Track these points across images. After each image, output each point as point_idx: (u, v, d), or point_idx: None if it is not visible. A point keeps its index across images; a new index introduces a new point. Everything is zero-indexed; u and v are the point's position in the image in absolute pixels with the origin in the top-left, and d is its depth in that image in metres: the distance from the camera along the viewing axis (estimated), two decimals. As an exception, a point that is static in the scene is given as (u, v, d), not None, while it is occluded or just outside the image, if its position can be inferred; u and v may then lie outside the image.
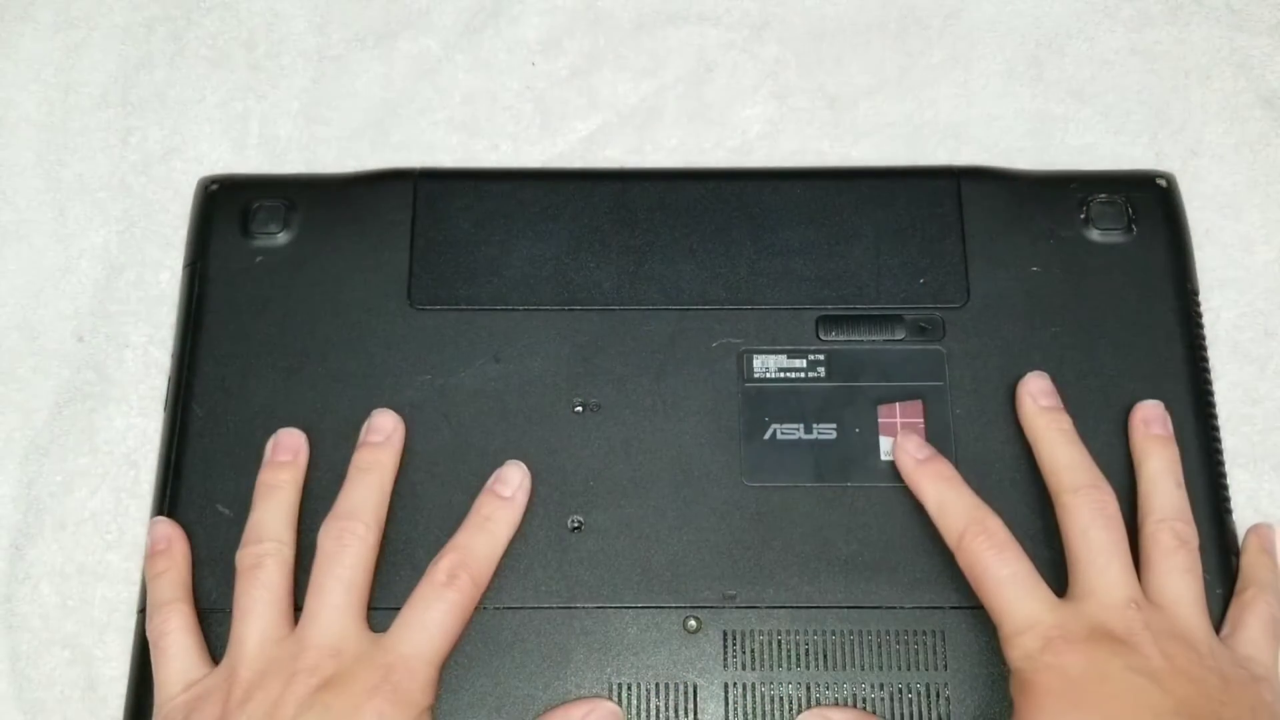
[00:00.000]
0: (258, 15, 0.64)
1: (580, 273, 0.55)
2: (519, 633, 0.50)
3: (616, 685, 0.49)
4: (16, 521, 0.55)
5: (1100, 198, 0.56)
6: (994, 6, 0.63)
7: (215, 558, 0.50)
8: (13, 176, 0.61)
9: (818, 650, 0.49)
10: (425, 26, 0.63)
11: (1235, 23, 0.63)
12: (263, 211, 0.56)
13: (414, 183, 0.57)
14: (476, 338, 0.54)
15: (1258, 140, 0.61)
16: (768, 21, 0.63)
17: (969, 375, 0.53)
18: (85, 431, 0.57)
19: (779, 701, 0.49)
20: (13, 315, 0.59)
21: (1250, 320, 0.58)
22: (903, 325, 0.54)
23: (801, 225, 0.56)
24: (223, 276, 0.55)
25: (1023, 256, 0.55)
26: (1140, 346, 0.54)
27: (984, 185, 0.56)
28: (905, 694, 0.49)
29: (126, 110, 0.62)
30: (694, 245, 0.55)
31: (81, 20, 0.63)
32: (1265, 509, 0.55)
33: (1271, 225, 0.60)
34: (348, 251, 0.55)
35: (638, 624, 0.50)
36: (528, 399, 0.53)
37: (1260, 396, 0.57)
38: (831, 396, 0.53)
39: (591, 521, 0.51)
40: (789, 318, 0.54)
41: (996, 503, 0.50)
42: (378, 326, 0.54)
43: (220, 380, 0.53)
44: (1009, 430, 0.52)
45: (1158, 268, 0.55)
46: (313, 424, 0.52)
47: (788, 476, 0.52)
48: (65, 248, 0.60)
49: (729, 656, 0.49)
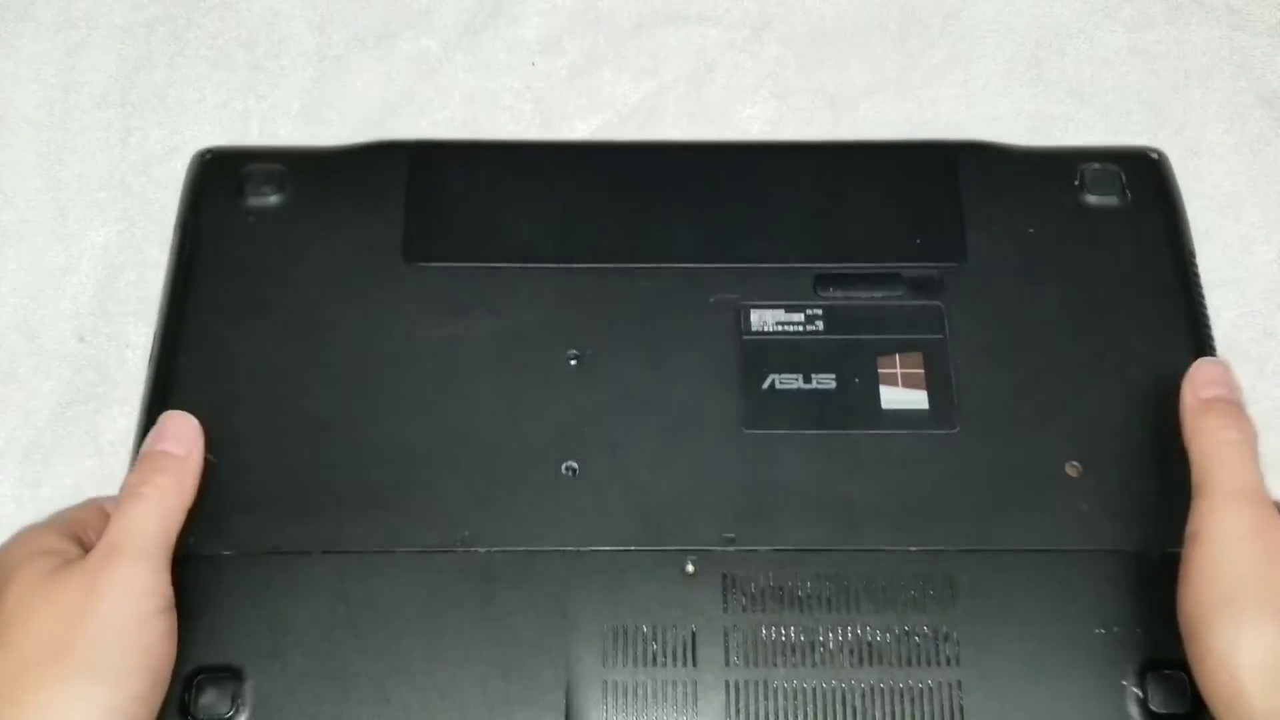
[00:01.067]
0: (258, 15, 0.65)
1: (577, 231, 0.55)
2: (514, 575, 0.49)
3: (613, 628, 0.48)
4: (20, 523, 0.53)
5: (1094, 165, 0.57)
6: (994, 6, 0.65)
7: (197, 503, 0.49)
8: (13, 176, 0.62)
9: (819, 594, 0.49)
10: (425, 26, 0.65)
11: (1235, 23, 0.64)
12: (257, 174, 0.56)
13: (410, 153, 0.57)
14: (472, 293, 0.54)
15: (1258, 140, 0.62)
16: (768, 21, 0.65)
17: (969, 330, 0.53)
18: (88, 432, 0.57)
19: (780, 645, 0.48)
20: (13, 316, 0.59)
21: (1249, 320, 0.58)
22: (901, 282, 0.54)
23: (798, 190, 0.56)
24: (214, 236, 0.55)
25: (1018, 219, 0.56)
26: (1140, 305, 0.54)
27: (980, 159, 0.57)
28: (911, 636, 0.48)
29: (127, 110, 0.63)
30: (692, 206, 0.56)
31: (81, 20, 0.65)
32: None
33: (1271, 225, 0.60)
34: (342, 211, 0.56)
35: (636, 567, 0.49)
36: (522, 351, 0.53)
37: (1259, 396, 0.57)
38: (830, 348, 0.53)
39: (588, 468, 0.51)
40: (786, 275, 0.54)
41: (1007, 460, 0.51)
42: (372, 281, 0.54)
43: (209, 334, 0.53)
44: (1011, 383, 0.52)
45: (1154, 230, 0.55)
46: (301, 375, 0.52)
47: (787, 424, 0.52)
48: (66, 248, 0.60)
49: (728, 600, 0.48)
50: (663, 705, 0.47)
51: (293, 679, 0.47)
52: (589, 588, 0.49)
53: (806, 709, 0.47)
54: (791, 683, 0.47)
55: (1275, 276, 0.59)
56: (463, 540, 0.49)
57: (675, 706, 0.47)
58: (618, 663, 0.48)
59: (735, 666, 0.47)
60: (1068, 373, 0.53)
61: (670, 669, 0.47)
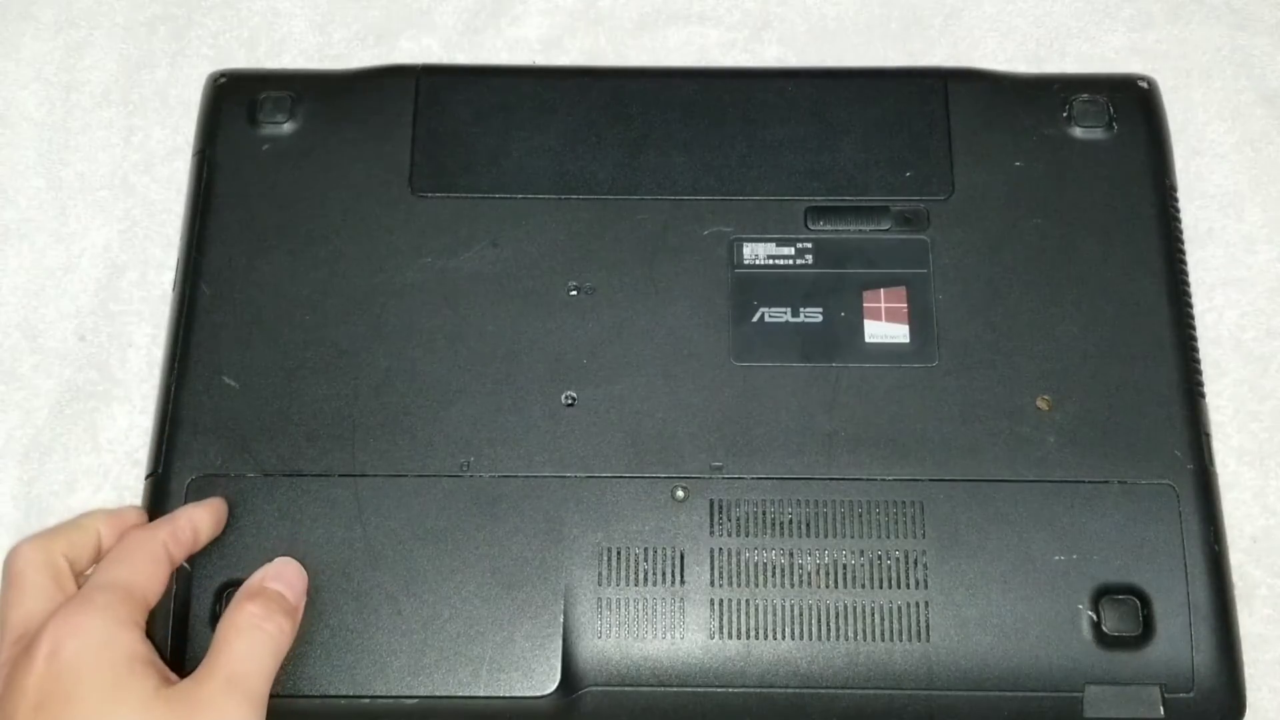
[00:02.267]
0: (258, 14, 0.64)
1: (577, 163, 0.56)
2: (515, 499, 0.51)
3: (607, 550, 0.50)
4: (18, 520, 0.55)
5: (1082, 97, 0.57)
6: (995, 6, 0.63)
7: (221, 425, 0.52)
8: (14, 175, 0.61)
9: (800, 519, 0.51)
10: (426, 25, 0.63)
11: (1236, 22, 0.63)
12: (269, 102, 0.57)
13: (416, 77, 0.58)
14: (475, 224, 0.55)
15: (1260, 139, 0.61)
16: (768, 21, 0.63)
17: (952, 264, 0.55)
18: (88, 430, 0.57)
19: (762, 567, 0.50)
20: (14, 314, 0.59)
21: (1253, 319, 0.58)
22: (889, 216, 0.55)
23: (792, 120, 0.57)
24: (230, 164, 0.56)
25: (1006, 152, 0.56)
26: (1119, 238, 0.55)
27: (970, 86, 0.58)
28: (884, 560, 0.50)
29: (128, 109, 0.62)
30: (687, 138, 0.57)
31: (83, 19, 0.63)
32: (1272, 505, 0.56)
33: (1273, 224, 0.60)
34: (351, 140, 0.57)
35: (628, 492, 0.51)
36: (524, 282, 0.54)
37: (1265, 394, 0.57)
38: (818, 282, 0.54)
39: (584, 397, 0.53)
40: (778, 208, 0.56)
41: (981, 393, 0.52)
42: (380, 212, 0.56)
43: (228, 261, 0.55)
44: (990, 316, 0.54)
45: (1138, 164, 0.56)
46: (316, 303, 0.54)
47: (774, 356, 0.53)
48: (67, 247, 0.60)
49: (715, 524, 0.51)
50: (652, 620, 0.50)
51: (312, 590, 0.49)
52: (585, 511, 0.51)
53: (785, 625, 0.50)
54: (772, 601, 0.50)
55: (1278, 275, 0.59)
56: (468, 466, 0.52)
57: (664, 621, 0.50)
58: (611, 581, 0.50)
59: (720, 586, 0.50)
60: (1045, 308, 0.54)
61: (660, 587, 0.50)
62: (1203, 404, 0.53)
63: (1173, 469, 0.51)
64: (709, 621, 0.50)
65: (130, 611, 0.45)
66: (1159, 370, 0.53)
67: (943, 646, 0.49)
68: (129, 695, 0.43)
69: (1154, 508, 0.51)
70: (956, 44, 0.63)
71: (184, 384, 0.53)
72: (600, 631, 0.49)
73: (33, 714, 0.42)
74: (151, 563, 0.48)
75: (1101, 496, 0.51)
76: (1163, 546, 0.50)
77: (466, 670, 0.49)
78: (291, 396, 0.53)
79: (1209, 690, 0.49)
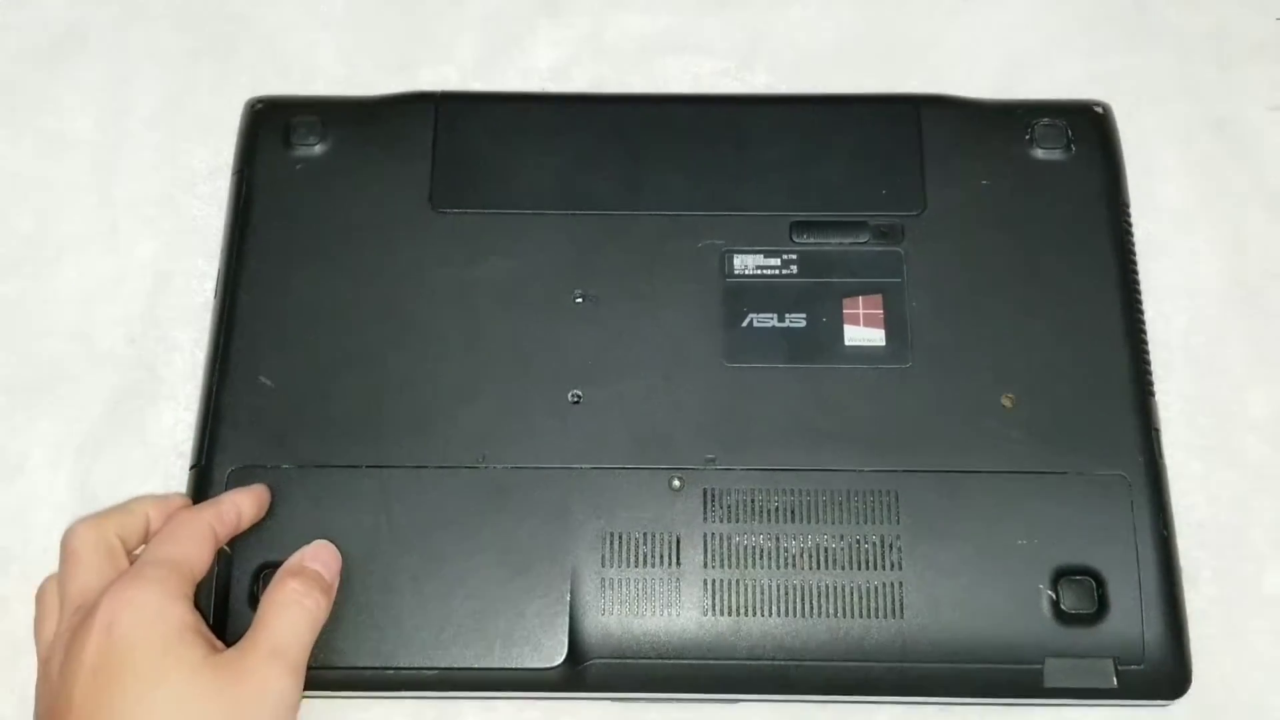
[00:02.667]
0: (293, 46, 0.64)
1: (582, 181, 0.57)
2: (526, 488, 0.52)
3: (609, 534, 0.52)
4: (74, 508, 0.55)
5: (1043, 121, 0.58)
6: (964, 38, 0.64)
7: (258, 420, 0.54)
8: (70, 193, 0.61)
9: (785, 506, 0.52)
10: (445, 57, 0.64)
11: (1184, 53, 0.63)
12: (302, 126, 0.58)
13: (436, 103, 0.59)
14: (490, 237, 0.56)
15: (1206, 160, 0.61)
16: (757, 51, 0.64)
17: (924, 274, 0.56)
18: (137, 426, 0.57)
19: (751, 550, 0.52)
20: (69, 320, 0.59)
21: (1200, 325, 0.59)
22: (866, 230, 0.57)
23: (778, 142, 0.58)
24: (266, 182, 0.58)
25: (974, 171, 0.57)
26: (1077, 251, 0.56)
27: (941, 110, 0.59)
28: (862, 544, 0.51)
29: (173, 133, 0.63)
30: (683, 159, 0.58)
31: (132, 52, 0.64)
32: (1216, 493, 0.56)
33: (1218, 239, 0.60)
34: (377, 160, 0.58)
35: (628, 482, 0.52)
36: (534, 290, 0.56)
37: (1210, 394, 0.57)
38: (802, 290, 0.56)
39: (589, 396, 0.54)
40: (765, 223, 0.57)
41: (951, 392, 0.54)
42: (403, 226, 0.57)
43: (264, 271, 0.56)
44: (960, 323, 0.55)
45: (1094, 183, 0.57)
46: (345, 309, 0.55)
47: (762, 358, 0.54)
48: (118, 259, 0.60)
49: (708, 511, 0.52)
50: (651, 598, 0.51)
51: (342, 571, 0.51)
52: (590, 500, 0.52)
53: (772, 603, 0.51)
54: (760, 581, 0.51)
55: (1223, 286, 0.59)
56: (483, 458, 0.53)
57: (661, 599, 0.51)
58: (613, 562, 0.51)
59: (713, 567, 0.51)
60: (1009, 314, 0.55)
61: (657, 568, 0.51)
62: (1153, 402, 0.54)
63: (1125, 461, 0.53)
64: (702, 599, 0.51)
65: (180, 585, 0.47)
66: (1113, 371, 0.54)
67: (915, 623, 0.50)
68: (180, 662, 0.45)
69: (1108, 496, 0.52)
70: (928, 72, 0.63)
71: (224, 383, 0.54)
72: (604, 609, 0.51)
73: (91, 679, 0.44)
74: (198, 541, 0.49)
75: (1060, 486, 0.52)
76: (1116, 532, 0.51)
77: (482, 643, 0.50)
78: (323, 394, 0.54)
79: (1158, 662, 0.50)
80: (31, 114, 0.64)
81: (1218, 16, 0.65)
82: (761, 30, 0.65)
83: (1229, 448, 0.57)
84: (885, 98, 0.60)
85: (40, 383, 0.59)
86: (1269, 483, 0.57)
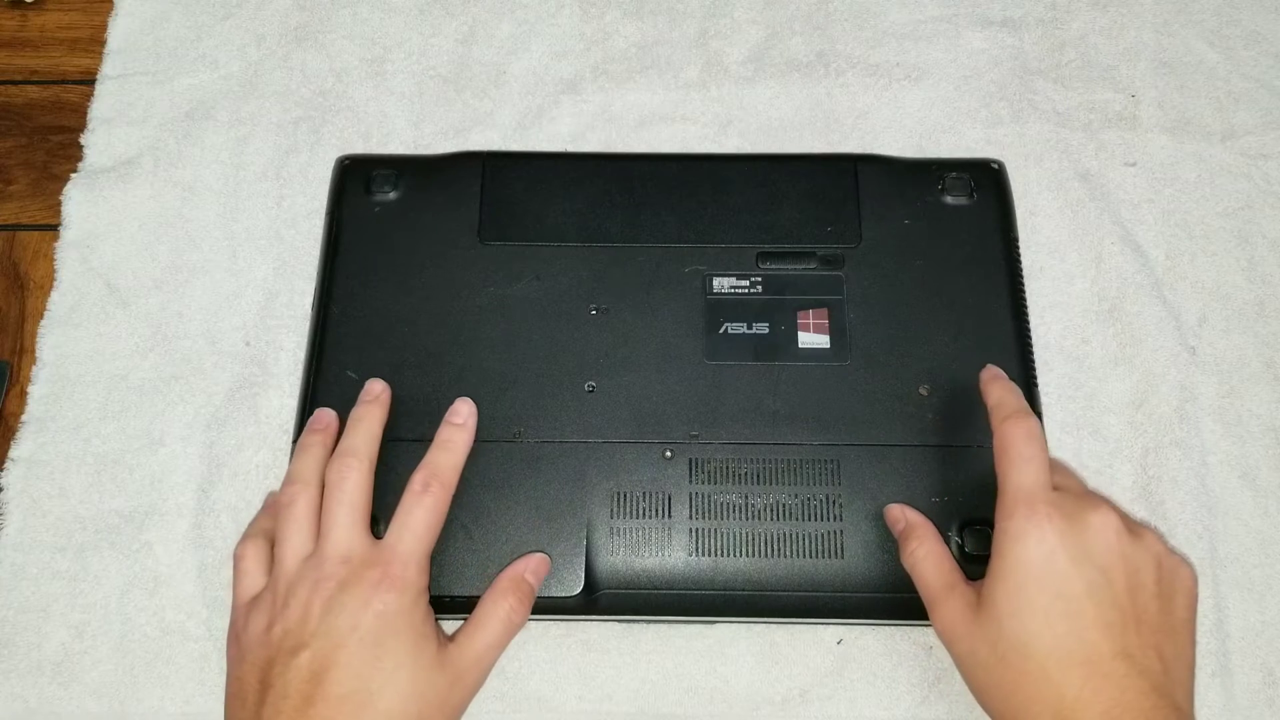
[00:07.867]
0: (373, 116, 0.64)
1: (596, 220, 0.57)
2: (552, 458, 0.52)
3: (617, 494, 0.51)
4: (204, 472, 0.56)
5: (952, 175, 0.58)
6: (890, 111, 0.63)
7: (345, 406, 0.52)
8: (200, 229, 0.61)
9: (752, 472, 0.52)
10: (490, 124, 0.64)
11: (1060, 122, 0.63)
12: (380, 178, 0.58)
13: (483, 160, 0.59)
14: (525, 263, 0.56)
15: (1075, 204, 0.61)
16: (731, 120, 0.64)
17: (860, 293, 0.55)
18: (251, 409, 0.57)
19: (726, 505, 0.51)
20: (200, 327, 0.59)
21: (1072, 331, 0.58)
22: (815, 258, 0.56)
23: (747, 190, 0.57)
24: (352, 222, 0.57)
25: (898, 214, 0.57)
26: (978, 275, 0.56)
27: (873, 166, 0.58)
28: (811, 501, 0.51)
29: (280, 183, 0.62)
30: (673, 203, 0.57)
31: (248, 119, 0.63)
32: (1086, 462, 0.56)
33: (1085, 264, 0.59)
34: (437, 204, 0.58)
35: (632, 454, 0.52)
36: (559, 304, 0.55)
37: (1080, 384, 0.57)
38: (766, 305, 0.55)
39: (601, 386, 0.54)
40: (738, 253, 0.56)
41: (880, 384, 0.53)
42: (457, 255, 0.56)
43: (350, 291, 0.56)
44: (887, 330, 0.55)
45: (991, 223, 0.57)
46: (412, 320, 0.55)
47: (735, 358, 0.54)
48: (237, 280, 0.60)
49: (693, 476, 0.52)
50: (649, 543, 0.51)
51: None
52: (601, 467, 0.52)
53: (742, 547, 0.51)
54: (733, 530, 0.51)
55: (1089, 302, 0.59)
56: (518, 434, 0.53)
57: (657, 544, 0.51)
58: (620, 515, 0.51)
59: (696, 519, 0.51)
60: (926, 324, 0.55)
61: (654, 520, 0.51)
62: (1036, 391, 0.54)
63: (1015, 437, 0.52)
64: (688, 544, 0.51)
65: (419, 577, 0.46)
66: (1006, 367, 0.53)
67: (852, 562, 0.50)
68: (427, 640, 0.44)
69: (1001, 464, 0.51)
70: (863, 137, 0.63)
71: (319, 377, 0.54)
72: (612, 550, 0.51)
73: (359, 645, 0.43)
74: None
75: (965, 456, 0.52)
76: (1007, 492, 0.51)
77: (517, 577, 0.50)
78: (395, 385, 0.53)
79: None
80: (171, 169, 0.63)
81: (1085, 95, 0.65)
82: (734, 105, 0.65)
83: (1093, 425, 0.57)
84: (830, 156, 0.59)
85: (177, 375, 0.58)
86: (1125, 452, 0.57)
